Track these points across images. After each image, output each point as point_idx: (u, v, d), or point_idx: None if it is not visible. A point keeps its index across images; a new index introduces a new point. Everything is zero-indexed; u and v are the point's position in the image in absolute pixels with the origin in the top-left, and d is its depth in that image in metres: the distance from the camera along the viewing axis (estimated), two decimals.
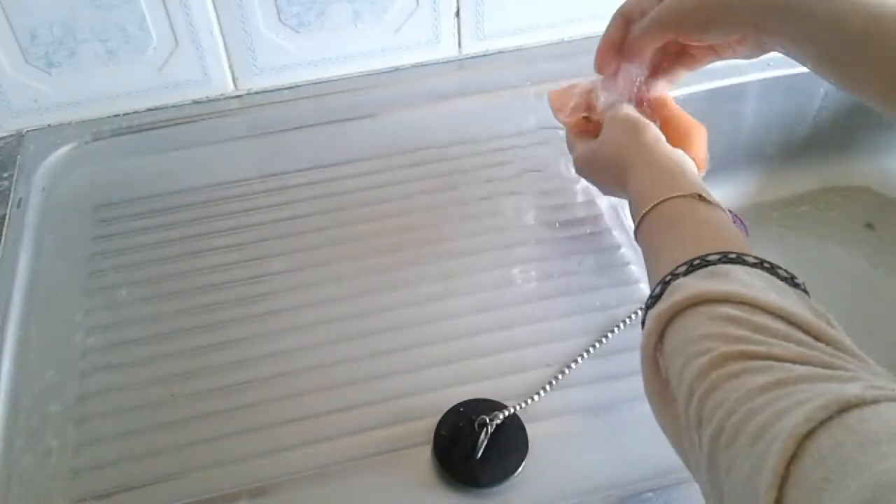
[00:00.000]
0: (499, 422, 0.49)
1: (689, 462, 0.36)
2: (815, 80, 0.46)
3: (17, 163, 0.72)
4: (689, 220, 0.45)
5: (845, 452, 0.26)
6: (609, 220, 0.65)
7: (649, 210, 0.46)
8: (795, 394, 0.30)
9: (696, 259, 0.40)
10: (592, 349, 0.55)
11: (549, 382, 0.53)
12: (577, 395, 0.53)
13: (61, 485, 0.49)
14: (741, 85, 0.78)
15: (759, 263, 0.39)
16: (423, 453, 0.50)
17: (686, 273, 0.40)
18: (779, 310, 0.35)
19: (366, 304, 0.59)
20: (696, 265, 0.40)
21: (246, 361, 0.56)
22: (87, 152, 0.74)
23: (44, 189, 0.70)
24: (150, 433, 0.52)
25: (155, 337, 0.58)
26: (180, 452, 0.51)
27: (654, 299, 0.41)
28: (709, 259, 0.39)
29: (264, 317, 0.59)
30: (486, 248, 0.63)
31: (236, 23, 0.73)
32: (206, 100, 0.78)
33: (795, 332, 0.34)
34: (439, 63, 0.81)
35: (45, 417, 0.53)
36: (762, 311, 0.35)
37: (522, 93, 0.77)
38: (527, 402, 0.52)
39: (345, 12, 0.75)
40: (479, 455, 0.48)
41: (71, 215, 0.68)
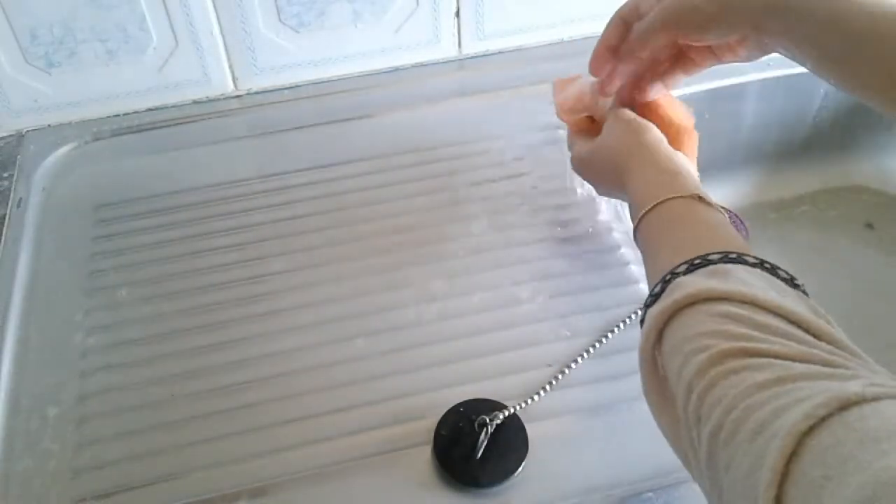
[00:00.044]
0: (499, 422, 0.49)
1: (688, 460, 0.36)
2: (815, 80, 0.46)
3: (17, 163, 0.72)
4: (688, 220, 0.45)
5: (845, 450, 0.26)
6: (609, 220, 0.65)
7: (649, 210, 0.46)
8: (795, 391, 0.30)
9: (697, 258, 0.40)
10: (592, 349, 0.55)
11: (549, 382, 0.53)
12: (577, 395, 0.53)
13: (61, 485, 0.49)
14: (741, 85, 0.78)
15: (759, 264, 0.39)
16: (423, 453, 0.50)
17: (686, 272, 0.40)
18: (779, 308, 0.35)
19: (366, 304, 0.59)
20: (696, 264, 0.40)
21: (246, 361, 0.56)
22: (87, 152, 0.74)
23: (44, 189, 0.70)
24: (150, 433, 0.52)
25: (155, 337, 0.58)
26: (180, 452, 0.51)
27: (654, 298, 0.41)
28: (710, 258, 0.40)
29: (264, 317, 0.59)
30: (485, 248, 0.63)
31: (236, 23, 0.73)
32: (206, 100, 0.78)
33: (796, 331, 0.34)
34: (439, 63, 0.81)
35: (44, 418, 0.53)
36: (763, 310, 0.35)
37: (522, 93, 0.77)
38: (527, 402, 0.52)
39: (345, 12, 0.75)
40: (479, 455, 0.48)
41: (71, 215, 0.68)
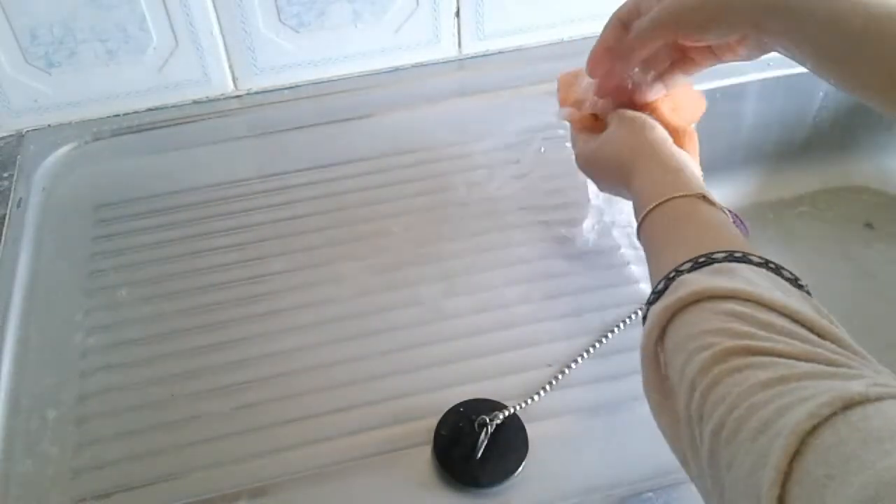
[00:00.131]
0: (499, 422, 0.49)
1: (687, 459, 0.36)
2: (815, 80, 0.46)
3: (17, 163, 0.72)
4: (693, 219, 0.45)
5: (848, 449, 0.26)
6: (609, 220, 0.65)
7: (653, 208, 0.46)
8: (799, 390, 0.30)
9: (702, 256, 0.40)
10: (592, 349, 0.55)
11: (549, 382, 0.53)
12: (577, 395, 0.53)
13: (61, 485, 0.49)
14: (741, 85, 0.78)
15: (764, 263, 0.39)
16: (423, 453, 0.50)
17: (691, 270, 0.40)
18: (784, 307, 0.35)
19: (366, 304, 0.59)
20: (701, 262, 0.39)
21: (246, 361, 0.56)
22: (87, 152, 0.74)
23: (44, 189, 0.70)
24: (150, 433, 0.52)
25: (155, 337, 0.58)
26: (180, 452, 0.51)
27: (657, 295, 0.41)
28: (714, 257, 0.39)
29: (264, 317, 0.59)
30: (485, 247, 0.63)
31: (236, 23, 0.73)
32: (206, 100, 0.78)
33: (800, 330, 0.34)
34: (439, 63, 0.81)
35: (44, 418, 0.53)
36: (767, 309, 0.35)
37: (522, 93, 0.77)
38: (527, 402, 0.51)
39: (345, 12, 0.75)
40: (479, 455, 0.48)
41: (71, 215, 0.68)
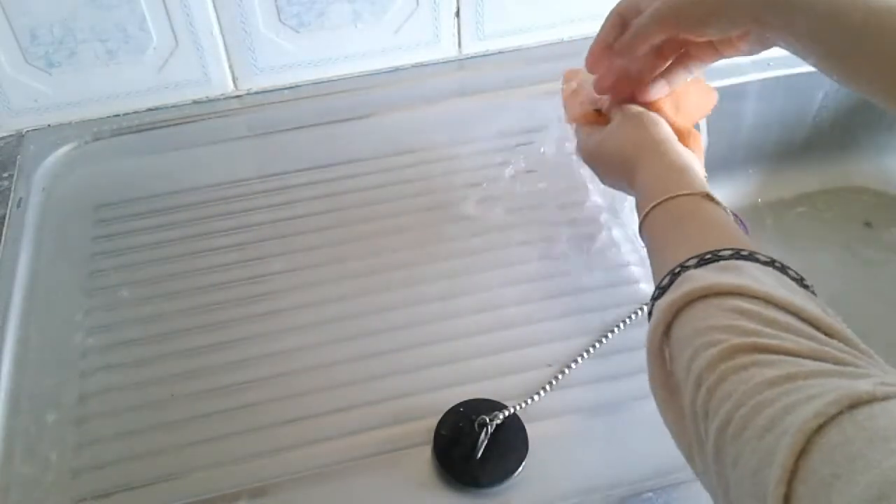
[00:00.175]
0: (499, 422, 0.49)
1: (692, 455, 0.35)
2: (815, 80, 0.46)
3: (17, 163, 0.72)
4: (697, 217, 0.44)
5: (854, 448, 0.26)
6: (608, 219, 0.65)
7: (657, 205, 0.46)
8: (805, 388, 0.30)
9: (708, 253, 0.40)
10: (592, 349, 0.55)
11: (549, 382, 0.53)
12: (577, 395, 0.53)
13: (61, 485, 0.49)
14: (741, 85, 0.78)
15: (770, 262, 0.39)
16: (423, 453, 0.50)
17: (696, 266, 0.39)
18: (790, 305, 0.35)
19: (366, 304, 0.59)
20: (707, 259, 0.39)
21: (246, 361, 0.56)
22: (87, 152, 0.74)
23: (44, 189, 0.70)
24: (150, 433, 0.52)
25: (155, 337, 0.58)
26: (180, 452, 0.51)
27: (662, 291, 0.40)
28: (720, 254, 0.39)
29: (264, 317, 0.59)
30: (485, 247, 0.63)
31: (236, 23, 0.73)
32: (206, 100, 0.78)
33: (807, 328, 0.34)
34: (439, 63, 0.81)
35: (44, 418, 0.53)
36: (774, 306, 0.35)
37: (522, 93, 0.77)
38: (527, 402, 0.51)
39: (345, 12, 0.75)
40: (479, 455, 0.48)
41: (71, 215, 0.68)
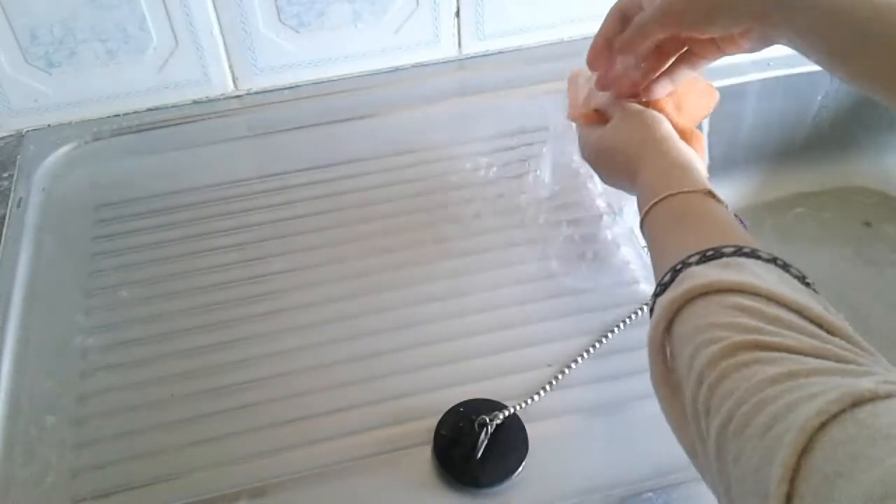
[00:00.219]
0: (499, 422, 0.49)
1: (695, 451, 0.35)
2: (815, 80, 0.46)
3: (17, 163, 0.72)
4: (700, 214, 0.44)
5: (857, 447, 0.26)
6: (608, 219, 0.65)
7: (658, 201, 0.46)
8: (808, 386, 0.30)
9: (710, 250, 0.39)
10: (592, 349, 0.55)
11: (549, 382, 0.53)
12: (577, 395, 0.53)
13: (61, 485, 0.49)
14: (741, 85, 0.78)
15: (772, 260, 0.39)
16: (423, 453, 0.50)
17: (699, 262, 0.39)
18: (793, 303, 0.35)
19: (366, 304, 0.59)
20: (709, 256, 0.39)
21: (246, 361, 0.56)
22: (87, 152, 0.74)
23: (44, 189, 0.70)
24: (149, 433, 0.52)
25: (155, 337, 0.58)
26: (180, 452, 0.51)
27: (663, 287, 0.40)
28: (723, 251, 0.39)
29: (264, 317, 0.59)
30: (485, 247, 0.63)
31: (236, 23, 0.73)
32: (206, 100, 0.78)
33: (809, 326, 0.34)
34: (439, 63, 0.81)
35: (44, 418, 0.53)
36: (776, 304, 0.35)
37: (522, 93, 0.77)
38: (527, 402, 0.51)
39: (345, 12, 0.75)
40: (479, 455, 0.48)
41: (71, 215, 0.68)
